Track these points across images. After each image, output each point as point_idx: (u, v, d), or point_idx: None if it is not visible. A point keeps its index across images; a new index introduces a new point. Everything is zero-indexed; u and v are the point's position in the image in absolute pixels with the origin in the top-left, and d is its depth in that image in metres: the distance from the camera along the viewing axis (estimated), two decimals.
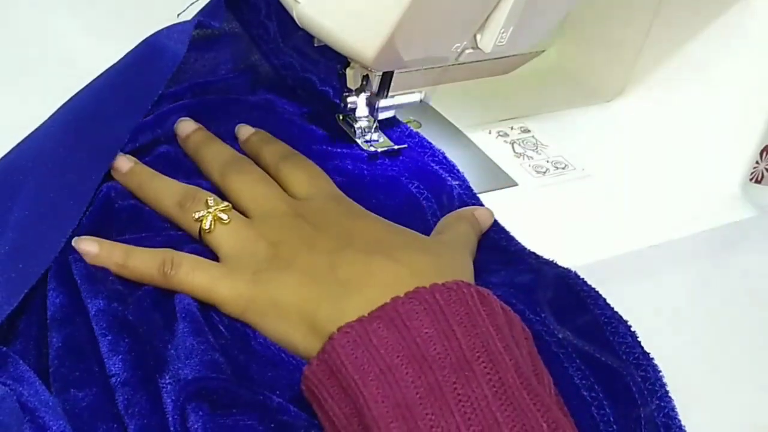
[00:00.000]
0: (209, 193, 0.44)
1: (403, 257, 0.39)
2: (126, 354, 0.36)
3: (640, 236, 0.54)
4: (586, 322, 0.42)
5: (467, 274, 0.41)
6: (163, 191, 0.44)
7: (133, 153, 0.48)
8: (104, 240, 0.41)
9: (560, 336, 0.40)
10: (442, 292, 0.34)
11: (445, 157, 0.55)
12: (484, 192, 0.55)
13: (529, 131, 0.64)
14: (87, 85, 0.49)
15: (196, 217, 0.42)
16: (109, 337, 0.36)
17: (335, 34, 0.43)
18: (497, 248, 0.48)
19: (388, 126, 0.57)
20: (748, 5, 0.58)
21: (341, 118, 0.56)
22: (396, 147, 0.55)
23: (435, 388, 0.31)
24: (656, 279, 0.48)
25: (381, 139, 0.55)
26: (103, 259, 0.40)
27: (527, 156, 0.61)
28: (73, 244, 0.40)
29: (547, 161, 0.60)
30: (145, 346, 0.37)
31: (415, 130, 0.59)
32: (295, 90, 0.56)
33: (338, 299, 0.37)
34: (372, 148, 0.54)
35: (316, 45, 0.50)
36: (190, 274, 0.39)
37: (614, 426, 0.37)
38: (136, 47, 0.50)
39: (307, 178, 0.46)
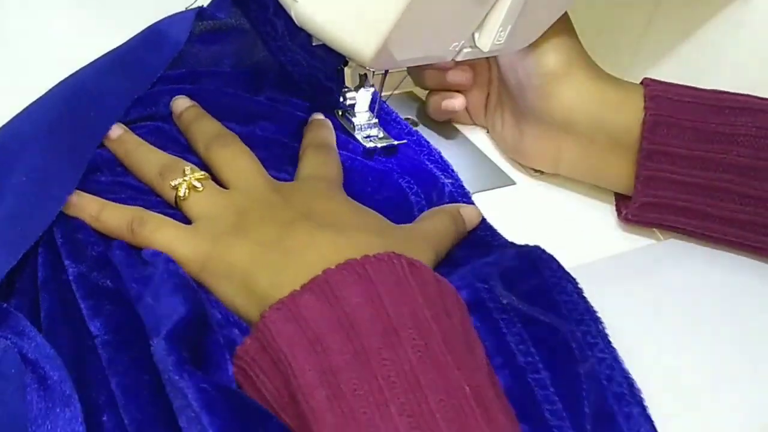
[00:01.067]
0: (188, 164, 0.45)
1: (352, 234, 0.39)
2: (107, 317, 0.37)
3: (639, 235, 0.54)
4: (535, 285, 0.42)
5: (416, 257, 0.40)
6: (146, 159, 0.46)
7: (127, 125, 0.49)
8: (85, 193, 0.43)
9: (504, 302, 0.40)
10: (373, 263, 0.34)
11: (440, 156, 0.55)
12: (482, 191, 0.55)
13: None
14: (89, 63, 0.50)
15: (173, 184, 0.44)
16: (90, 302, 0.37)
17: (333, 34, 0.43)
18: (481, 244, 0.48)
19: (387, 122, 0.58)
20: (747, 4, 0.58)
21: (340, 113, 0.57)
22: (395, 142, 0.55)
23: (361, 353, 0.31)
24: (655, 277, 0.48)
25: (380, 135, 0.56)
26: (79, 209, 0.42)
27: None
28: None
29: None
30: (126, 310, 0.38)
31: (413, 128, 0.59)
32: (300, 86, 0.56)
33: (278, 269, 0.38)
34: (371, 144, 0.54)
35: (314, 44, 0.50)
36: (155, 232, 0.41)
37: (551, 389, 0.37)
38: (139, 33, 0.53)
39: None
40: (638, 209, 0.51)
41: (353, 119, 0.56)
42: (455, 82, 0.58)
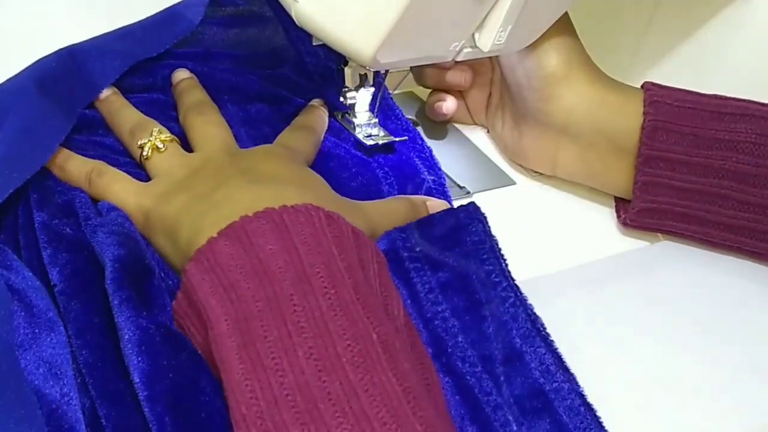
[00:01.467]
0: (158, 125, 0.46)
1: (279, 188, 0.40)
2: (63, 266, 0.38)
3: (639, 236, 0.54)
4: (449, 227, 0.43)
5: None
6: (123, 118, 0.48)
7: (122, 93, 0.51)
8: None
9: (417, 249, 0.41)
10: (290, 213, 0.35)
11: (431, 154, 0.55)
12: (482, 191, 0.55)
13: None
14: (102, 35, 0.52)
15: (139, 144, 0.45)
16: (49, 250, 0.38)
17: (333, 34, 0.43)
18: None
19: (387, 117, 0.57)
20: (747, 4, 0.58)
21: (340, 115, 0.56)
22: (396, 139, 0.55)
23: (272, 300, 0.32)
24: (654, 277, 0.48)
25: (381, 134, 0.55)
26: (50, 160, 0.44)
27: None
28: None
29: None
30: (82, 257, 0.39)
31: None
32: (312, 77, 0.57)
33: (200, 218, 0.38)
34: (372, 142, 0.54)
35: (314, 44, 0.50)
36: (110, 185, 0.43)
37: (459, 337, 0.38)
38: (154, 14, 0.54)
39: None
40: (636, 214, 0.51)
41: (354, 119, 0.56)
42: (454, 82, 0.58)
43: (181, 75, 0.53)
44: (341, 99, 0.55)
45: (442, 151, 0.57)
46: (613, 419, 0.37)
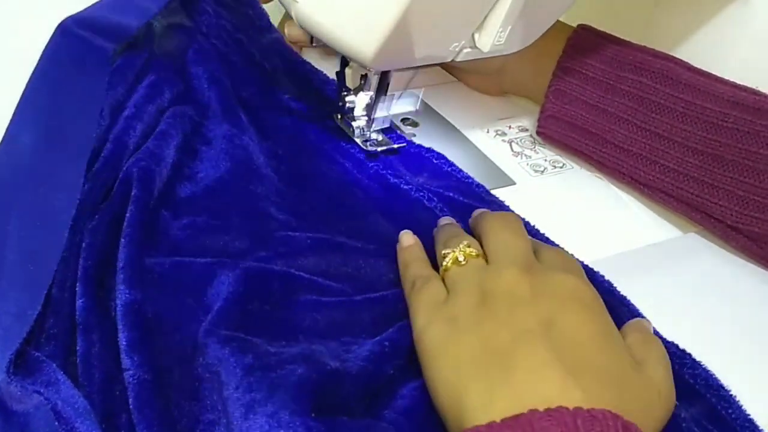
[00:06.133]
0: (471, 239, 0.44)
1: (585, 380, 0.35)
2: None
3: (639, 235, 0.54)
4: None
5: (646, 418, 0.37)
6: (441, 232, 0.47)
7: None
8: (414, 236, 0.46)
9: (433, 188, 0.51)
10: (585, 419, 0.31)
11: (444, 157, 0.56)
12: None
13: (526, 130, 0.64)
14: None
15: (443, 252, 0.43)
16: (131, 333, 0.36)
17: (334, 34, 0.43)
18: None
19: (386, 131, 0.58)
20: (747, 4, 0.58)
21: (339, 117, 0.56)
22: (395, 146, 0.55)
23: None
24: (655, 277, 0.48)
25: (379, 138, 0.55)
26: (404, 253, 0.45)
27: (525, 155, 0.61)
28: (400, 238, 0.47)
29: (545, 160, 0.60)
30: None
31: (412, 129, 0.59)
32: (303, 86, 0.57)
33: (492, 387, 0.35)
34: (371, 148, 0.54)
35: (314, 44, 0.50)
36: (421, 290, 0.42)
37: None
38: None
39: (562, 258, 0.44)
40: (545, 120, 0.59)
41: (352, 123, 0.55)
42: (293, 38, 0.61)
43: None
44: (339, 103, 0.55)
45: (442, 152, 0.57)
46: None
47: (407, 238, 0.47)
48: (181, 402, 0.36)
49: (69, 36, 0.48)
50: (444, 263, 0.43)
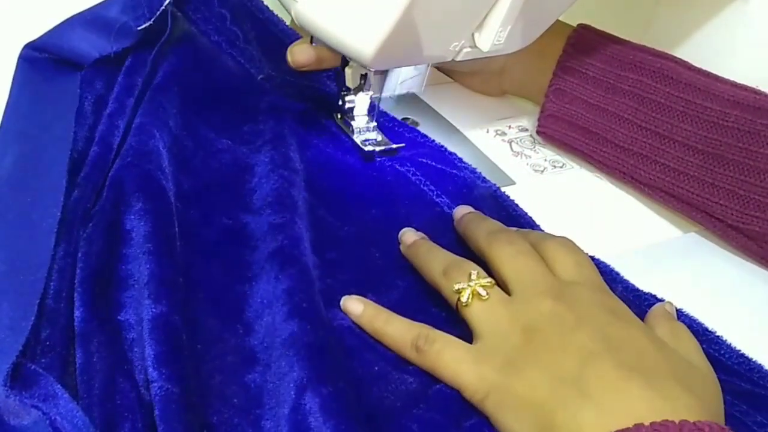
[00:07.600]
0: (474, 266, 0.42)
1: (665, 389, 0.34)
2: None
3: (639, 235, 0.54)
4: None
5: (721, 413, 0.37)
6: (433, 258, 0.44)
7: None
8: (369, 302, 0.42)
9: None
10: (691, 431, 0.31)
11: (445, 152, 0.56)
12: None
13: (526, 130, 0.64)
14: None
15: (456, 288, 0.41)
16: (159, 348, 0.36)
17: (333, 33, 0.43)
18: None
19: (386, 125, 0.58)
20: (747, 4, 0.58)
21: (339, 117, 0.56)
22: (394, 146, 0.55)
23: None
24: (655, 277, 0.48)
25: (379, 138, 0.55)
26: (365, 319, 0.41)
27: (525, 155, 0.61)
28: (342, 303, 0.42)
29: (545, 160, 0.60)
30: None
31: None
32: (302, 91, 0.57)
33: (578, 410, 0.34)
34: (369, 148, 0.54)
35: (314, 44, 0.50)
36: (441, 353, 0.39)
37: None
38: None
39: (574, 261, 0.42)
40: (545, 119, 0.59)
41: (352, 123, 0.55)
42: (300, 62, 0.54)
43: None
44: (339, 102, 0.55)
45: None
46: None
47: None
48: (221, 408, 0.35)
49: (31, 60, 0.50)
50: (463, 300, 0.40)
